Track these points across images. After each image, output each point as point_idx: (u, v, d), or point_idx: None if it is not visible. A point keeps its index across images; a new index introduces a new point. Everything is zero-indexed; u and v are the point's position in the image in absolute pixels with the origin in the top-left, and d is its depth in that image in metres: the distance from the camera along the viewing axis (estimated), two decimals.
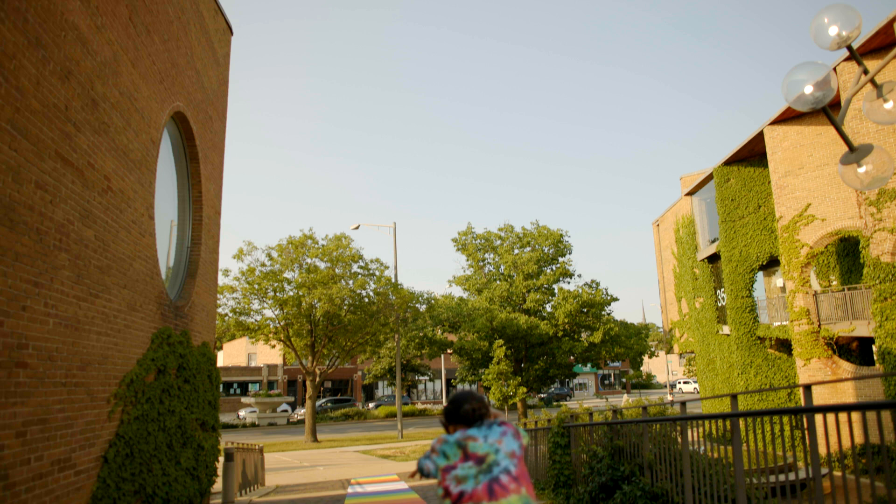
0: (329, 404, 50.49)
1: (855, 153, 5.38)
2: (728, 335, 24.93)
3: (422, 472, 2.82)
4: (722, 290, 26.20)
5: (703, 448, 5.92)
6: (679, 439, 6.24)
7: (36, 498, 5.32)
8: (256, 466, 16.52)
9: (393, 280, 32.25)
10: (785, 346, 22.50)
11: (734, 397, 5.08)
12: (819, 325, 19.09)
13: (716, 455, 5.66)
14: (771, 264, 23.47)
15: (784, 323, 21.53)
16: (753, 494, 5.31)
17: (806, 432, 4.03)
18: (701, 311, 28.22)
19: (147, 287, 7.98)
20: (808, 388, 4.09)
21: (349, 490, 13.00)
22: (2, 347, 4.76)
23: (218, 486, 11.60)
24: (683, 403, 6.14)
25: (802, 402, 4.02)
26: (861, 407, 3.64)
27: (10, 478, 4.92)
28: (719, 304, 26.83)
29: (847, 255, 20.00)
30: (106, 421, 6.77)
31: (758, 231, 23.14)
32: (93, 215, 6.28)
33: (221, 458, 11.63)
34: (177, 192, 10.39)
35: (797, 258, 19.62)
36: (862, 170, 5.48)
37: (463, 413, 2.87)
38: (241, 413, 46.34)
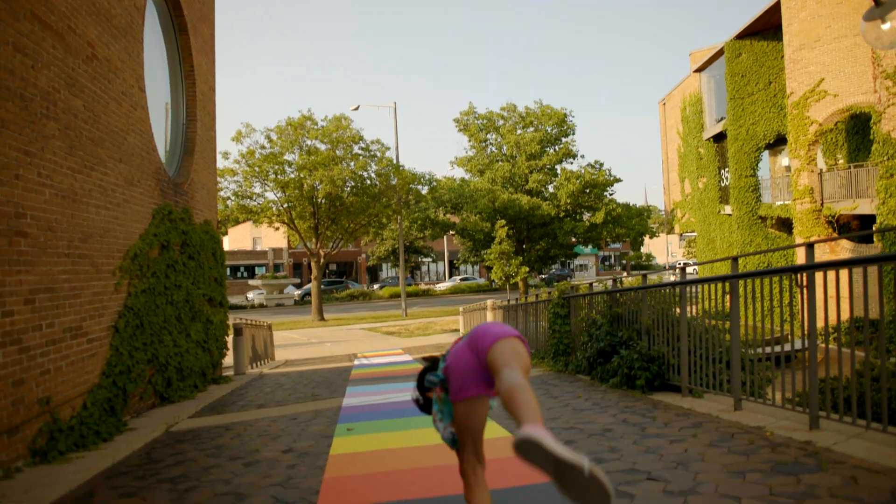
0: (321, 286, 50.72)
1: (881, 7, 5.06)
2: (729, 215, 24.96)
3: (453, 443, 2.67)
4: (726, 169, 25.94)
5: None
6: (677, 309, 6.35)
7: (52, 362, 5.50)
8: (266, 342, 17.09)
9: (394, 161, 31.93)
10: (786, 225, 22.57)
11: (735, 260, 5.09)
12: (822, 204, 19.02)
13: (712, 323, 5.78)
14: (777, 143, 23.07)
15: (786, 202, 21.47)
16: (747, 358, 5.46)
17: (805, 290, 4.06)
18: (704, 191, 28.10)
19: (143, 162, 7.87)
20: (810, 245, 4.08)
21: (355, 362, 13.50)
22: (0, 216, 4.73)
23: (229, 360, 12.02)
24: (683, 269, 6.20)
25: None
26: (861, 261, 3.64)
27: (23, 342, 5.05)
28: (722, 185, 26.66)
29: (856, 132, 19.57)
30: (113, 293, 6.88)
31: (766, 108, 22.55)
32: (79, 84, 6.06)
33: (231, 334, 12.00)
34: (168, 68, 10.02)
35: (805, 136, 19.24)
36: (886, 26, 5.18)
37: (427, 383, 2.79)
38: (250, 295, 47.47)
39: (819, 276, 4.18)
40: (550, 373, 8.69)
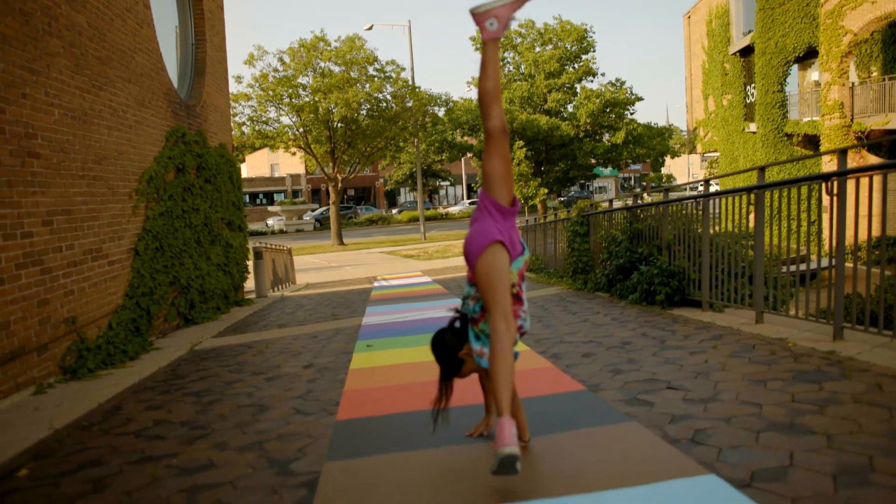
0: (328, 213, 49.51)
1: None
2: (754, 133, 24.24)
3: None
4: (752, 85, 25.03)
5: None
6: (698, 227, 6.23)
7: (74, 283, 5.57)
8: (286, 266, 17.27)
9: (410, 83, 31.21)
10: (812, 143, 21.89)
11: (762, 170, 4.92)
12: (851, 119, 18.35)
13: (735, 240, 5.66)
14: (808, 56, 22.07)
15: (814, 118, 20.75)
16: (771, 273, 5.36)
17: (835, 198, 3.91)
18: (728, 108, 27.23)
19: (153, 83, 7.72)
20: (843, 151, 3.91)
21: (375, 284, 13.61)
22: (9, 136, 4.68)
23: (251, 284, 12.18)
24: (707, 181, 6.02)
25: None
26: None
27: (45, 263, 5.10)
28: (748, 101, 25.78)
29: (894, 42, 18.63)
30: (131, 216, 6.90)
31: (797, 19, 21.47)
32: None
33: (251, 258, 12.10)
34: None
35: (838, 47, 18.36)
36: None
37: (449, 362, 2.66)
38: (269, 221, 47.76)
39: (850, 185, 4.02)
40: (569, 291, 8.68)
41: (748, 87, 25.81)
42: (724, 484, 2.18)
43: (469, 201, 56.94)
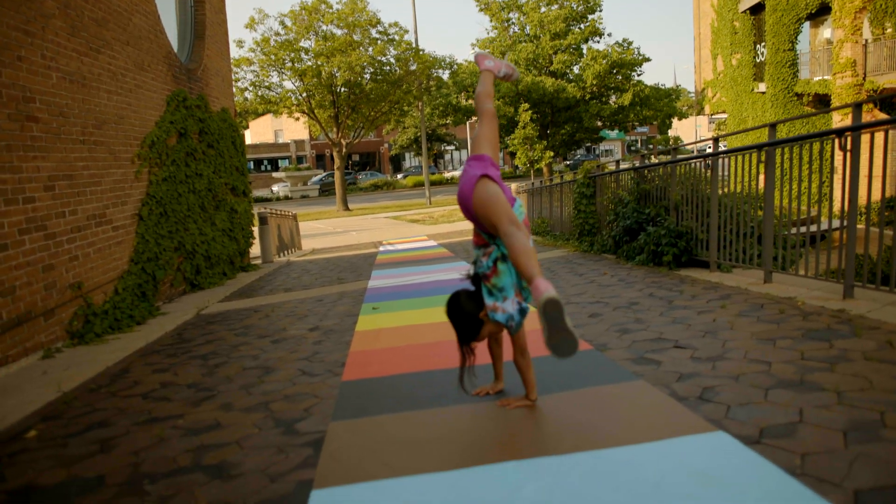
0: (330, 178, 48.62)
1: None
2: (763, 93, 23.84)
3: (522, 313, 2.62)
4: (762, 44, 24.52)
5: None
6: (707, 189, 6.15)
7: (79, 248, 5.56)
8: (292, 232, 17.25)
9: (413, 45, 30.75)
10: (823, 102, 21.51)
11: (773, 127, 4.81)
12: (864, 78, 18.00)
13: (744, 200, 5.58)
14: (820, 13, 21.56)
15: (825, 77, 20.36)
16: (780, 233, 5.30)
17: (849, 154, 3.82)
18: (737, 68, 26.73)
19: (152, 46, 7.59)
20: (858, 106, 3.80)
21: (381, 248, 13.60)
22: (6, 99, 4.61)
23: (257, 250, 12.17)
24: (716, 139, 5.91)
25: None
26: None
27: (48, 228, 5.08)
28: (758, 60, 25.29)
29: None
30: (134, 181, 6.85)
31: None
32: None
33: (256, 224, 12.07)
34: None
35: (852, 2, 17.92)
36: None
37: (471, 330, 2.63)
38: (275, 188, 47.64)
39: (863, 141, 3.93)
40: (575, 253, 8.63)
41: (758, 45, 25.30)
42: (733, 440, 2.16)
43: None
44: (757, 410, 2.40)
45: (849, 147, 3.83)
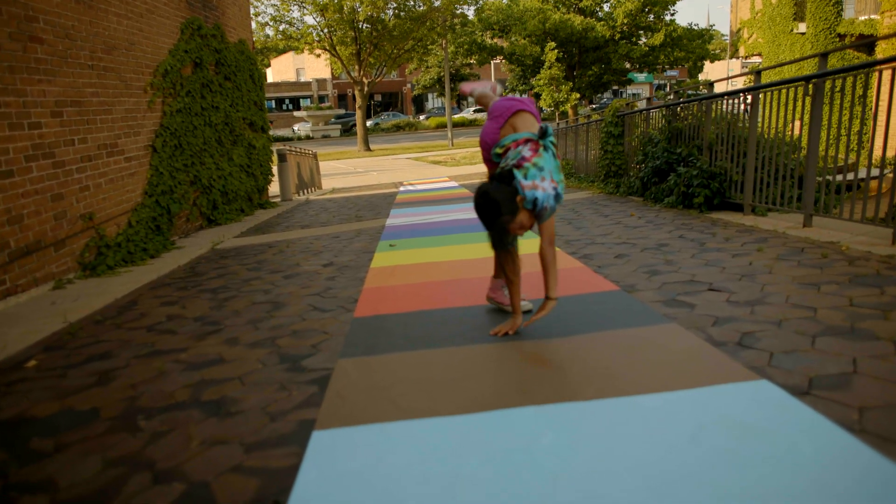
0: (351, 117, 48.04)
1: None
2: (803, 34, 22.71)
3: (558, 197, 2.57)
4: None
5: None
6: (744, 124, 5.78)
7: (89, 178, 5.41)
8: (312, 171, 17.01)
9: None
10: (867, 46, 20.44)
11: (824, 57, 4.42)
12: None
13: (783, 139, 5.23)
14: None
15: (872, 17, 19.27)
16: (823, 176, 4.96)
17: None
18: (777, 6, 25.43)
19: None
20: None
21: (401, 188, 13.37)
22: (7, 17, 4.38)
23: (276, 189, 12.00)
24: (758, 72, 5.51)
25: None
26: None
27: (56, 156, 4.92)
28: None
29: None
30: (147, 111, 6.64)
31: None
32: None
33: (276, 161, 11.85)
34: None
35: None
36: None
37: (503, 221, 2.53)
38: (296, 127, 47.15)
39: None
40: (601, 195, 8.33)
41: None
42: (779, 390, 1.94)
43: None
44: (804, 358, 2.18)
45: None
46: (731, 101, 6.04)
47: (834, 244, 3.98)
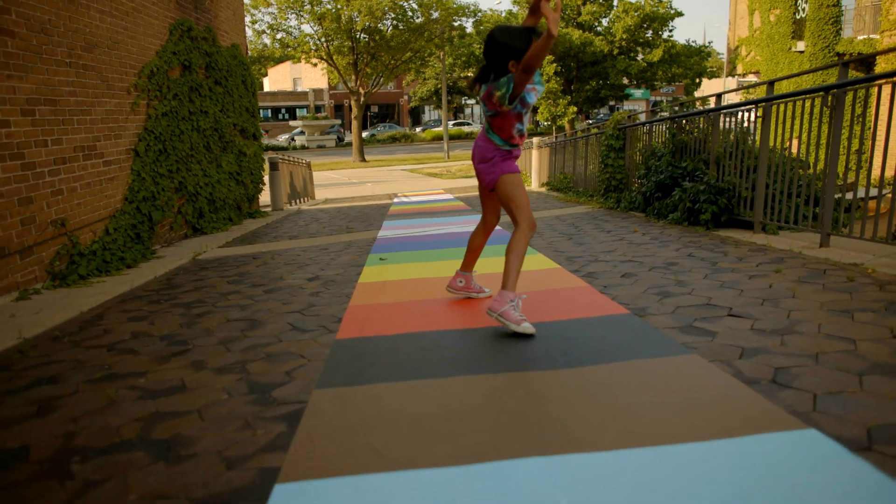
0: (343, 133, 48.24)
1: None
2: (801, 52, 22.64)
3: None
4: None
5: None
6: (754, 139, 5.52)
7: (63, 182, 5.09)
8: (305, 180, 16.71)
9: None
10: (865, 64, 20.35)
11: (845, 65, 4.16)
12: None
13: (795, 153, 4.97)
14: None
15: (871, 36, 19.19)
16: (842, 194, 4.69)
17: None
18: (775, 24, 25.40)
19: None
20: None
21: (395, 200, 13.08)
22: None
23: (267, 198, 11.69)
24: (771, 83, 5.25)
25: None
26: None
27: (26, 157, 4.61)
28: (798, 17, 23.97)
29: None
30: (130, 113, 6.34)
31: None
32: None
33: (267, 169, 11.53)
34: None
35: None
36: None
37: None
38: (283, 137, 46.87)
39: None
40: (600, 209, 8.05)
41: (799, 0, 23.96)
42: (834, 443, 1.63)
43: None
44: (854, 403, 1.87)
45: None
46: (742, 114, 5.78)
47: (858, 266, 3.70)
